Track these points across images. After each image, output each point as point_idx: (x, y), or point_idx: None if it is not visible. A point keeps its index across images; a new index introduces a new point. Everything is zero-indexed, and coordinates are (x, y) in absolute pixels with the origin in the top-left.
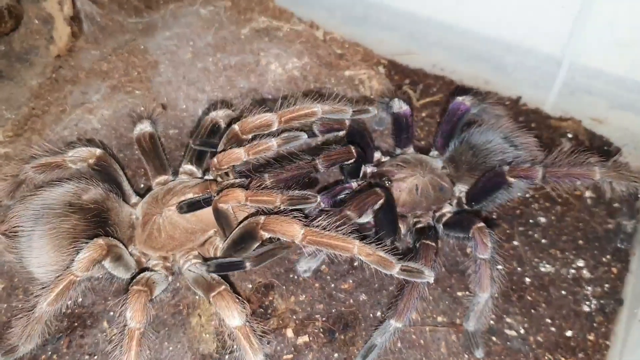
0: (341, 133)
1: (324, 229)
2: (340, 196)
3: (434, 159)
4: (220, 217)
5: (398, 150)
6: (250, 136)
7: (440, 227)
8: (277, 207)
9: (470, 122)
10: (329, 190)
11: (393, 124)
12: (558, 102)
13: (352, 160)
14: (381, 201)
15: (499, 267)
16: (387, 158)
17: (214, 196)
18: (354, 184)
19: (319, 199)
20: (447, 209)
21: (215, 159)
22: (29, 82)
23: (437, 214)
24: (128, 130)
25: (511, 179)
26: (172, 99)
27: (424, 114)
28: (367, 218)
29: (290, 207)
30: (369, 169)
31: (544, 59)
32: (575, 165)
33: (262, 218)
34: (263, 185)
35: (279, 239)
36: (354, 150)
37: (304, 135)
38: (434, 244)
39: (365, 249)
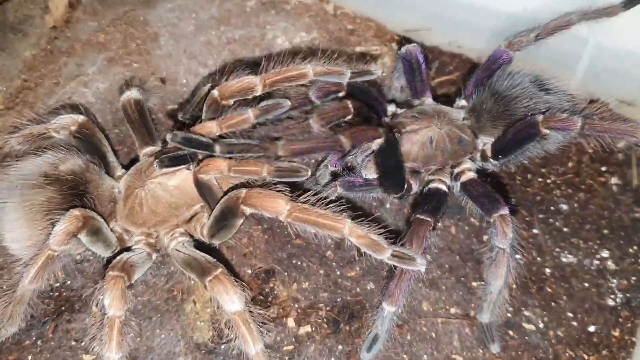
0: (341, 94)
1: (313, 205)
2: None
3: (456, 110)
4: (203, 190)
5: (416, 101)
6: (231, 102)
7: (457, 185)
8: (263, 178)
9: None
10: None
11: (404, 70)
12: (583, 83)
13: (349, 117)
14: (379, 140)
15: (518, 256)
16: (404, 110)
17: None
18: None
19: (309, 173)
20: (468, 165)
21: None
22: (22, 54)
23: (456, 170)
24: None
25: (545, 130)
26: (172, 73)
27: (439, 93)
28: (372, 175)
29: (278, 180)
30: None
31: (569, 39)
32: (617, 121)
33: (243, 191)
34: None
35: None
36: (350, 105)
37: (286, 103)
38: (429, 219)
39: (357, 230)
